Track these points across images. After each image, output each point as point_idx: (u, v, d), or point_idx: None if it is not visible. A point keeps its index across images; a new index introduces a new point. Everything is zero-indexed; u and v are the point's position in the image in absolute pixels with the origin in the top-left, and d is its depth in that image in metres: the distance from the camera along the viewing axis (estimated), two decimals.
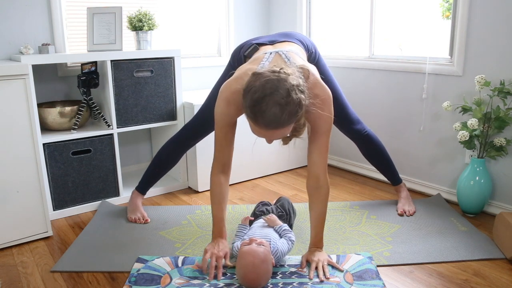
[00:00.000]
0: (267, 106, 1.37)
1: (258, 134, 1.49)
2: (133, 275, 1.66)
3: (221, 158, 1.71)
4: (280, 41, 1.84)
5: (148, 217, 2.19)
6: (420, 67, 2.44)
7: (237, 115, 1.65)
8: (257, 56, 1.71)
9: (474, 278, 1.66)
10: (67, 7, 2.54)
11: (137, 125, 2.47)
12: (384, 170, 2.35)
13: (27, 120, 1.93)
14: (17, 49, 2.37)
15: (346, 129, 2.19)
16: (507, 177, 2.18)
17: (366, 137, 2.21)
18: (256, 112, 1.39)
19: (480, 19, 2.15)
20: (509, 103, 2.08)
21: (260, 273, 1.53)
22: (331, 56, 3.04)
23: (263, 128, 1.42)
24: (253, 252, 1.55)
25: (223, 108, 1.63)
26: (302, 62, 1.67)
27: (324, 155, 1.67)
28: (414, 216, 2.18)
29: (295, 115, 1.42)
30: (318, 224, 1.72)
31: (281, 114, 1.37)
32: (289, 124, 1.44)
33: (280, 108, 1.37)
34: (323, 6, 3.09)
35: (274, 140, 1.52)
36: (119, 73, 2.34)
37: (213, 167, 1.74)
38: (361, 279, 1.61)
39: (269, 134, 1.46)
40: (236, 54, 1.94)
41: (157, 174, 2.25)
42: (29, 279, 1.70)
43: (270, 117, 1.38)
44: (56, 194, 2.26)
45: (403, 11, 2.65)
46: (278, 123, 1.39)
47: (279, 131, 1.43)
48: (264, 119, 1.39)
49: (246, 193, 2.60)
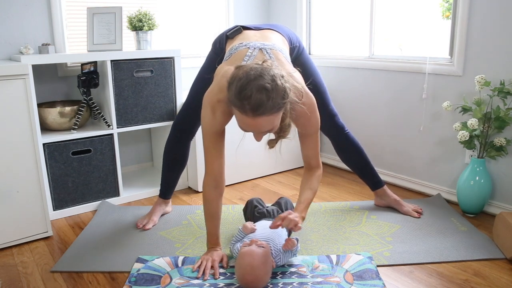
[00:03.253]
0: (253, 91, 1.38)
1: (246, 126, 1.47)
2: (133, 275, 1.66)
3: (212, 171, 1.69)
4: (264, 28, 1.85)
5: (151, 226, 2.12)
6: (420, 67, 2.44)
7: (225, 122, 1.64)
8: (239, 53, 1.69)
9: (474, 278, 1.66)
10: (67, 7, 2.54)
11: (137, 125, 2.47)
12: (364, 173, 2.26)
13: (27, 120, 1.93)
14: (17, 49, 2.37)
15: (330, 123, 2.14)
16: (507, 177, 2.18)
17: (348, 135, 2.19)
18: (242, 98, 1.39)
19: (480, 19, 2.15)
20: (509, 103, 2.08)
21: (259, 275, 1.53)
22: (331, 56, 3.04)
23: (250, 115, 1.41)
24: (253, 253, 1.54)
25: (210, 116, 1.62)
26: (288, 66, 1.68)
27: (316, 149, 1.77)
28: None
29: (282, 102, 1.43)
30: (306, 192, 1.73)
31: (267, 99, 1.38)
32: (276, 112, 1.43)
33: (266, 93, 1.38)
34: (323, 6, 3.09)
35: (262, 134, 1.51)
36: (119, 73, 2.34)
37: (204, 182, 1.72)
38: (361, 279, 1.61)
39: (257, 124, 1.44)
40: (218, 39, 1.93)
41: (172, 176, 2.19)
42: (29, 279, 1.70)
43: (257, 101, 1.38)
44: (56, 194, 2.26)
45: (403, 11, 2.65)
46: (265, 108, 1.39)
47: (267, 118, 1.42)
48: (251, 104, 1.38)
49: (246, 193, 2.60)
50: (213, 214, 1.73)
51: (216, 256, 1.71)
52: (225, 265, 1.71)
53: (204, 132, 1.66)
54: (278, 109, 1.43)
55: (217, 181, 1.70)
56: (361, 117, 2.87)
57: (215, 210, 1.72)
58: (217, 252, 1.74)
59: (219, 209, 1.74)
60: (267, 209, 1.95)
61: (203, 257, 1.72)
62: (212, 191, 1.70)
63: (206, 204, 1.73)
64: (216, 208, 1.72)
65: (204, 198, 1.73)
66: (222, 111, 1.60)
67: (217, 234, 1.75)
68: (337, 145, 2.21)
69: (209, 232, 1.75)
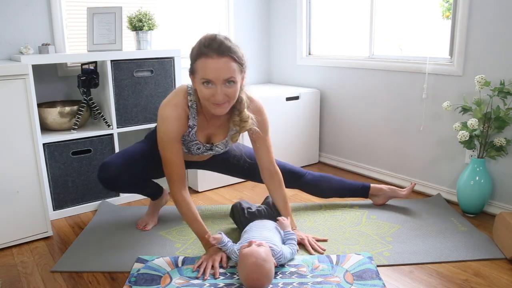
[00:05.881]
0: (215, 39, 1.59)
1: (209, 70, 1.57)
2: (133, 275, 1.66)
3: (177, 177, 1.74)
4: None
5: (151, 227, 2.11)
6: (420, 67, 2.44)
7: (182, 127, 1.72)
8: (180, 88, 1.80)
9: (474, 278, 1.66)
10: (67, 7, 2.54)
11: (137, 125, 2.47)
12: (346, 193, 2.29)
13: (27, 120, 1.93)
14: (17, 49, 2.37)
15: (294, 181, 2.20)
16: (507, 177, 2.18)
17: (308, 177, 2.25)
18: (208, 44, 1.58)
19: (480, 19, 2.15)
20: (509, 103, 2.08)
21: (263, 273, 1.53)
22: (331, 56, 3.04)
23: (215, 55, 1.56)
24: (255, 252, 1.55)
25: (170, 121, 1.69)
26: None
27: (270, 151, 1.90)
28: (414, 216, 2.18)
29: (242, 57, 1.62)
30: (285, 206, 1.94)
31: (229, 43, 1.60)
32: (237, 62, 1.60)
33: (230, 41, 1.61)
34: (323, 6, 3.09)
35: (224, 85, 1.60)
36: (119, 73, 2.34)
37: (174, 190, 1.74)
38: (361, 279, 1.61)
39: (220, 65, 1.56)
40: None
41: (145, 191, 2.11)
42: (29, 279, 1.70)
43: (219, 42, 1.58)
44: (56, 194, 2.26)
45: (403, 11, 2.65)
46: (229, 48, 1.58)
47: (229, 61, 1.58)
48: (214, 44, 1.57)
49: (246, 193, 2.60)
50: (195, 216, 1.76)
51: (217, 256, 1.72)
52: (225, 264, 1.71)
53: (163, 144, 1.72)
54: (239, 59, 1.61)
55: (184, 185, 1.77)
56: (361, 117, 2.87)
57: (194, 212, 1.76)
58: (217, 252, 1.74)
59: (195, 209, 1.78)
60: (258, 209, 1.97)
61: (204, 257, 1.72)
62: (184, 196, 1.76)
63: (183, 209, 1.75)
64: (193, 209, 1.77)
65: (179, 204, 1.75)
66: (178, 116, 1.70)
67: (206, 232, 1.77)
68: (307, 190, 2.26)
69: (199, 233, 1.77)
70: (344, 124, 2.99)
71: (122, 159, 1.87)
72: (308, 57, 3.20)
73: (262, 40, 3.45)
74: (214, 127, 1.83)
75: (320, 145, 3.21)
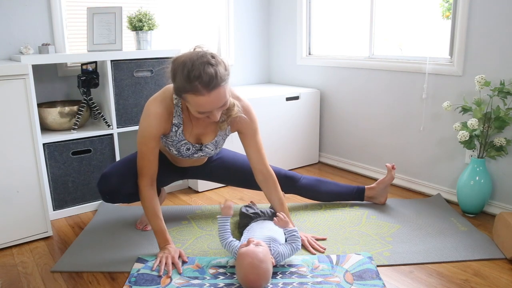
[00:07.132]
0: (200, 69, 1.48)
1: (203, 106, 1.55)
2: (133, 275, 1.66)
3: (148, 173, 1.76)
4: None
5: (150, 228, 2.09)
6: (420, 67, 2.44)
7: (166, 124, 1.72)
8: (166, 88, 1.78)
9: (474, 278, 1.66)
10: (67, 7, 2.54)
11: (137, 125, 2.47)
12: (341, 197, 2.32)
13: (27, 120, 1.93)
14: (17, 49, 2.37)
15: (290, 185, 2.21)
16: (507, 177, 2.18)
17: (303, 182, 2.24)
18: (192, 80, 1.48)
19: (480, 19, 2.15)
20: (509, 103, 2.08)
21: (260, 273, 1.53)
22: (331, 56, 3.05)
23: (206, 91, 1.50)
24: (252, 252, 1.55)
25: (152, 119, 1.69)
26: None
27: (261, 151, 1.87)
28: (414, 216, 2.18)
29: (226, 73, 1.54)
30: (282, 208, 1.90)
31: (216, 72, 1.49)
32: (225, 83, 1.54)
33: (213, 67, 1.50)
34: (323, 6, 3.09)
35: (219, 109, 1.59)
36: (119, 73, 2.34)
37: (142, 183, 1.76)
38: (361, 279, 1.61)
39: (213, 99, 1.52)
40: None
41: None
42: (29, 279, 1.70)
43: (208, 76, 1.48)
44: (56, 194, 2.26)
45: (403, 11, 2.65)
46: (217, 79, 1.50)
47: (221, 90, 1.52)
48: (204, 81, 1.48)
49: (246, 193, 2.60)
50: (156, 212, 1.77)
51: (174, 252, 1.74)
52: (184, 258, 1.75)
53: (142, 139, 1.72)
54: (225, 80, 1.54)
55: (152, 180, 1.78)
56: (361, 117, 2.87)
57: (157, 208, 1.78)
58: (172, 248, 1.76)
59: (159, 206, 1.80)
60: (261, 210, 1.98)
61: (160, 255, 1.74)
62: (150, 191, 1.77)
63: (146, 203, 1.77)
64: (157, 205, 1.78)
65: (144, 198, 1.77)
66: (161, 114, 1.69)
67: (165, 230, 1.78)
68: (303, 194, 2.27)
69: (157, 230, 1.78)
70: (344, 124, 2.99)
71: (122, 171, 1.87)
72: (308, 57, 3.20)
73: (262, 40, 3.45)
74: (202, 126, 1.81)
75: (320, 145, 3.21)
